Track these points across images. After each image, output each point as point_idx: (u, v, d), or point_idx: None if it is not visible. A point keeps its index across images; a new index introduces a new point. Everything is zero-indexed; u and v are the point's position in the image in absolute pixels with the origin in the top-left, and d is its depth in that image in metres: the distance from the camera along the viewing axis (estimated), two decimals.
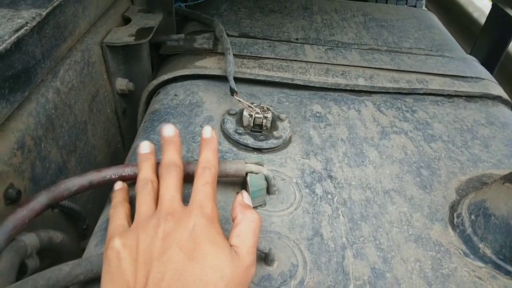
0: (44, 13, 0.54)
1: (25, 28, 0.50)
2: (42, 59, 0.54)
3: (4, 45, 0.46)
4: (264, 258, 0.43)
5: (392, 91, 0.77)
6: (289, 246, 0.46)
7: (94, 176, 0.46)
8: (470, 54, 0.96)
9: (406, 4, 1.96)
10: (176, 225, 0.36)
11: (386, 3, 1.93)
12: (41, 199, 0.42)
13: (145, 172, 0.43)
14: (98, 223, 0.48)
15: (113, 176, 0.47)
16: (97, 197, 0.67)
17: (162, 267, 0.33)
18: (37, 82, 0.53)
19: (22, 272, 0.41)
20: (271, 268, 0.43)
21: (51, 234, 0.45)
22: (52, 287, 0.36)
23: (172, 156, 0.43)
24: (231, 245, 0.36)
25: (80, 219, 0.56)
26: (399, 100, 0.76)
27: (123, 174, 0.47)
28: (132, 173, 0.48)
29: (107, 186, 0.48)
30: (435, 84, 0.79)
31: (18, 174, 0.47)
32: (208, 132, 0.45)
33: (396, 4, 1.93)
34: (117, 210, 0.42)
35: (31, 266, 0.41)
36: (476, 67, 0.88)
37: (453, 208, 0.54)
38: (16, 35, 0.48)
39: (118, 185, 0.47)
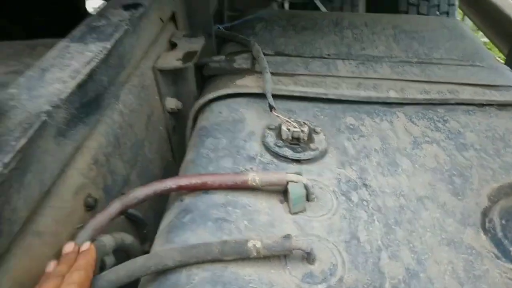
0: (109, 46, 0.62)
1: (95, 60, 0.59)
2: (108, 86, 0.63)
3: (80, 76, 0.55)
4: (306, 257, 0.48)
5: (423, 102, 0.80)
6: (328, 247, 0.51)
7: (157, 186, 0.53)
8: (506, 57, 0.96)
9: (438, 11, 1.94)
10: None
11: (418, 12, 1.93)
12: (115, 206, 0.50)
13: None
14: (160, 227, 0.55)
15: (172, 186, 0.54)
16: (155, 206, 0.75)
17: None
18: (106, 106, 0.62)
19: (100, 269, 0.49)
20: (313, 267, 0.48)
21: (122, 235, 0.53)
22: (129, 278, 0.43)
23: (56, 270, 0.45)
24: None
25: (142, 225, 0.64)
26: (430, 111, 0.78)
27: (180, 184, 0.54)
28: (188, 183, 0.55)
29: (167, 195, 0.55)
30: (466, 93, 0.81)
31: (94, 186, 0.56)
32: (86, 245, 0.48)
33: (428, 13, 1.92)
34: None
35: (109, 262, 0.49)
36: (508, 76, 0.89)
37: (484, 213, 0.57)
38: (89, 66, 0.57)
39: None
